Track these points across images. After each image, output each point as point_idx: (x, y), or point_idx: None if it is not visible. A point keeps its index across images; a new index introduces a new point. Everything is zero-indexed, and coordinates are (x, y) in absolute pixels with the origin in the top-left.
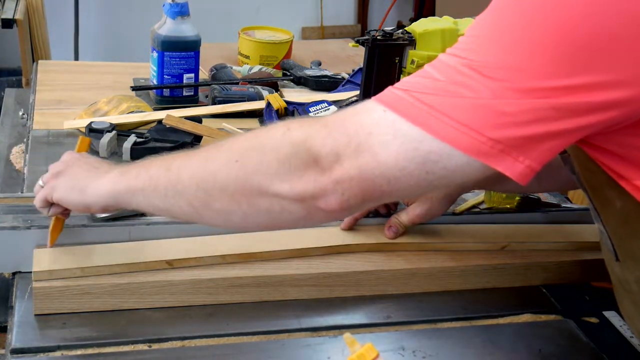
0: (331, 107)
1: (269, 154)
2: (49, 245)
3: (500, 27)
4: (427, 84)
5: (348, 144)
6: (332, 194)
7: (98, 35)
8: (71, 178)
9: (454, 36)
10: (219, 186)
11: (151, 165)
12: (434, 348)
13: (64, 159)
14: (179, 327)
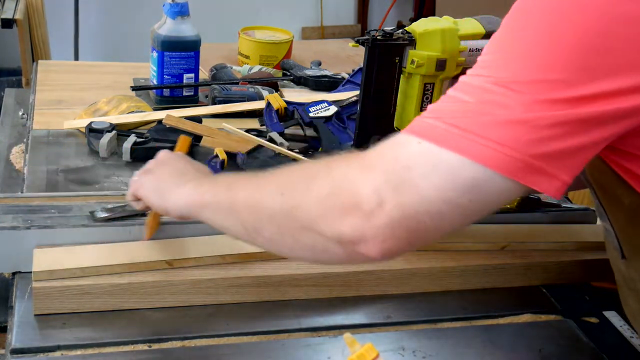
0: (331, 107)
1: (311, 192)
2: (146, 238)
3: (523, 40)
4: (457, 108)
5: (387, 183)
6: (372, 240)
7: (98, 35)
8: (156, 180)
9: (454, 36)
10: (267, 216)
11: (220, 182)
12: (434, 348)
13: (158, 157)
14: (179, 327)
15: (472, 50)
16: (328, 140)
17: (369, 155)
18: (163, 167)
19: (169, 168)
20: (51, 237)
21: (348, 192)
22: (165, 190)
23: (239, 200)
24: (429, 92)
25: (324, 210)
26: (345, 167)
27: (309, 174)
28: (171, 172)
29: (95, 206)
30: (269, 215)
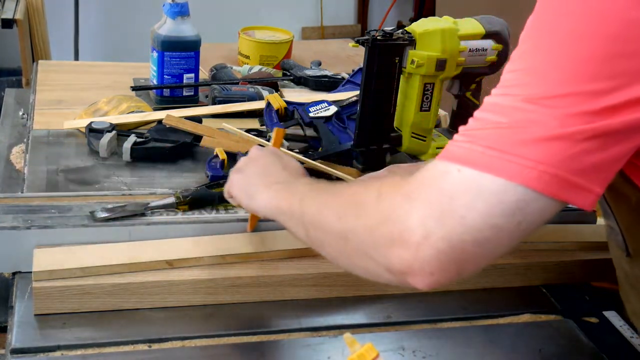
0: (331, 107)
1: (362, 220)
2: (248, 230)
3: (547, 55)
4: (491, 130)
5: (431, 215)
6: (420, 273)
7: (98, 35)
8: (245, 180)
9: (454, 36)
10: (327, 236)
11: (296, 191)
12: (434, 348)
13: (250, 153)
14: (179, 327)
15: (472, 50)
16: (328, 140)
17: (412, 184)
18: (252, 166)
19: (258, 167)
20: (51, 237)
21: (395, 223)
22: (252, 192)
23: (307, 216)
24: (429, 92)
25: (373, 239)
26: (392, 196)
27: (361, 200)
28: (258, 172)
29: (95, 206)
30: (329, 235)
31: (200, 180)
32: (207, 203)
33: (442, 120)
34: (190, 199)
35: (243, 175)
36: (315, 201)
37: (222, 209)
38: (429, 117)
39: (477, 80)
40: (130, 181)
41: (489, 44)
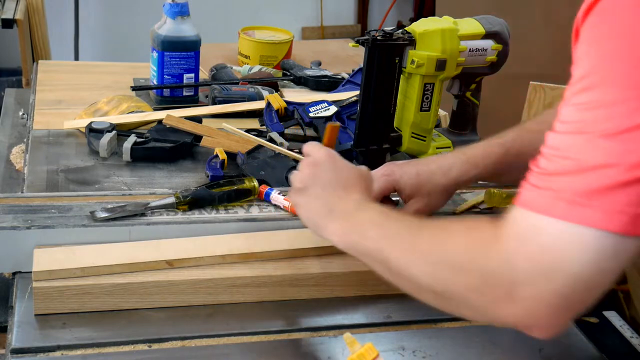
0: (331, 107)
1: (461, 279)
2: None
3: (622, 87)
4: (572, 177)
5: (538, 273)
6: (536, 327)
7: (98, 35)
8: (309, 206)
9: (454, 36)
10: (421, 289)
11: (367, 235)
12: (434, 348)
13: (308, 163)
14: (179, 327)
15: (472, 50)
16: None
17: (508, 242)
18: (314, 186)
19: (319, 187)
20: (51, 237)
21: (500, 283)
22: (319, 223)
23: (391, 264)
24: (429, 92)
25: (478, 299)
26: (488, 255)
27: (454, 258)
28: (321, 196)
29: (95, 206)
30: (424, 291)
31: (200, 180)
32: (207, 203)
33: (442, 120)
34: (190, 199)
35: (307, 199)
36: (399, 248)
37: (222, 209)
38: (429, 117)
39: (477, 80)
40: (130, 181)
41: (489, 44)
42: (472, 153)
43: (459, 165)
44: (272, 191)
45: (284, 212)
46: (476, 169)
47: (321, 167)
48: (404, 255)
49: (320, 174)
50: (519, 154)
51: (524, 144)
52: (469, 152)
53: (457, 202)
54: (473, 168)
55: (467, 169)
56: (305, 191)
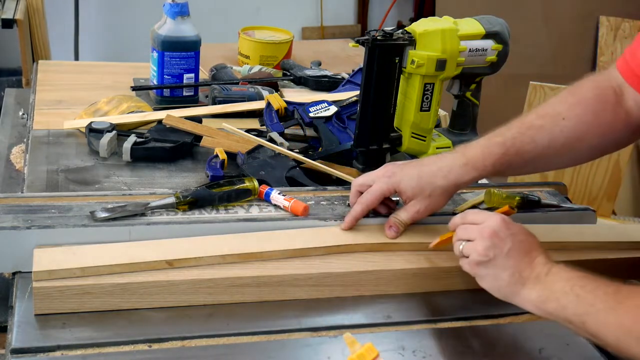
0: (331, 107)
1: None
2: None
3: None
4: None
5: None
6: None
7: (98, 35)
8: (499, 277)
9: (454, 36)
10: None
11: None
12: (434, 348)
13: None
14: (179, 327)
15: (472, 50)
16: (328, 140)
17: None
18: (500, 259)
19: (505, 260)
20: (51, 237)
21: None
22: (510, 293)
23: (600, 339)
24: (429, 92)
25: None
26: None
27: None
28: (510, 269)
29: (95, 206)
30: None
31: (200, 180)
32: (207, 203)
33: (442, 120)
34: (190, 199)
35: (493, 271)
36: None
37: (222, 209)
38: (429, 117)
39: (477, 80)
40: (130, 181)
41: (489, 44)
42: (472, 155)
43: (459, 167)
44: (272, 191)
45: (284, 212)
46: (476, 171)
47: (499, 236)
48: (611, 333)
49: (501, 243)
50: (519, 152)
51: (525, 141)
52: (468, 153)
53: (457, 202)
54: (473, 170)
55: (466, 171)
56: (490, 263)
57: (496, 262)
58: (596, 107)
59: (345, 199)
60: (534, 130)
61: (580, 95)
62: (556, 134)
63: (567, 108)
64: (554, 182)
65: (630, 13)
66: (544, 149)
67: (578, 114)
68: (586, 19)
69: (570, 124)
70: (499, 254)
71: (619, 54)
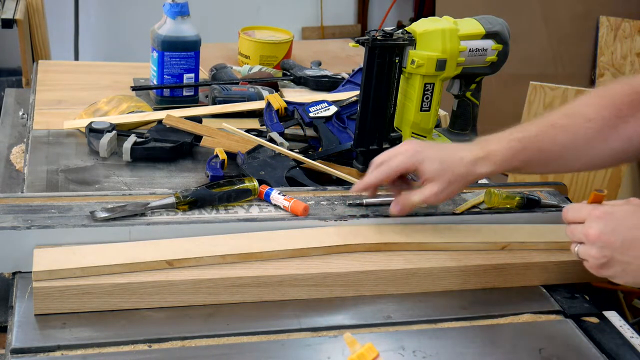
0: (331, 107)
1: None
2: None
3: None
4: None
5: None
6: None
7: (98, 35)
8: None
9: (454, 36)
10: None
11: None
12: (434, 348)
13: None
14: (179, 327)
15: (472, 50)
16: (328, 140)
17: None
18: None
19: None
20: (51, 237)
21: None
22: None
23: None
24: (429, 92)
25: None
26: None
27: None
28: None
29: (95, 206)
30: None
31: (200, 180)
32: (207, 203)
33: (442, 120)
34: (190, 199)
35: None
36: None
37: (222, 209)
38: (429, 117)
39: (477, 80)
40: (130, 181)
41: (489, 44)
42: (493, 150)
43: (480, 161)
44: (272, 191)
45: (284, 212)
46: (494, 166)
47: (606, 234)
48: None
49: (611, 240)
50: (541, 150)
51: (546, 140)
52: (490, 147)
53: (457, 202)
54: (492, 165)
55: (485, 164)
56: (611, 262)
57: (616, 259)
58: (627, 111)
59: (346, 199)
60: (557, 129)
61: (611, 98)
62: (579, 135)
63: (595, 110)
64: (554, 182)
65: (630, 13)
66: (565, 149)
67: (605, 116)
68: (586, 19)
69: (595, 126)
70: (614, 252)
71: (619, 54)
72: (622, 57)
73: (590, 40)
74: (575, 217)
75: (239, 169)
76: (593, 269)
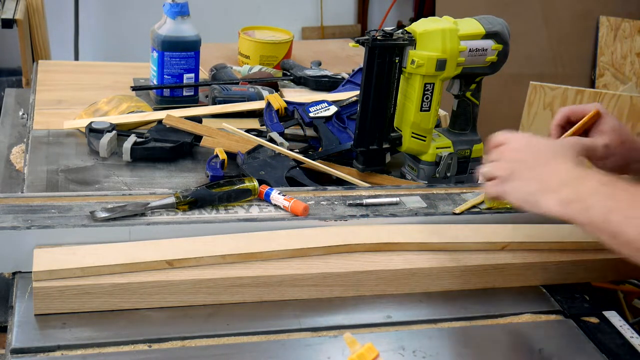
0: (331, 107)
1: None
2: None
3: None
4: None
5: None
6: None
7: (98, 35)
8: (522, 189)
9: (454, 36)
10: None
11: (592, 205)
12: (434, 348)
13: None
14: (179, 327)
15: (472, 50)
16: (328, 140)
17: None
18: (522, 172)
19: (528, 171)
20: (51, 237)
21: None
22: (534, 202)
23: (621, 238)
24: (429, 92)
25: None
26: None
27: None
28: (534, 179)
29: (95, 206)
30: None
31: (200, 180)
32: (207, 203)
33: (442, 120)
34: (190, 199)
35: (516, 184)
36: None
37: (222, 209)
38: (429, 117)
39: (477, 80)
40: (130, 181)
41: (489, 44)
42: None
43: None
44: (272, 191)
45: (284, 212)
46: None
47: (521, 151)
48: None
49: (523, 156)
50: None
51: None
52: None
53: (457, 202)
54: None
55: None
56: (511, 177)
57: (519, 174)
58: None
59: (346, 199)
60: None
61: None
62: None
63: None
64: None
65: (630, 13)
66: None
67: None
68: (586, 19)
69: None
70: (520, 167)
71: (619, 54)
72: (622, 57)
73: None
74: (501, 139)
75: (239, 169)
76: (494, 186)
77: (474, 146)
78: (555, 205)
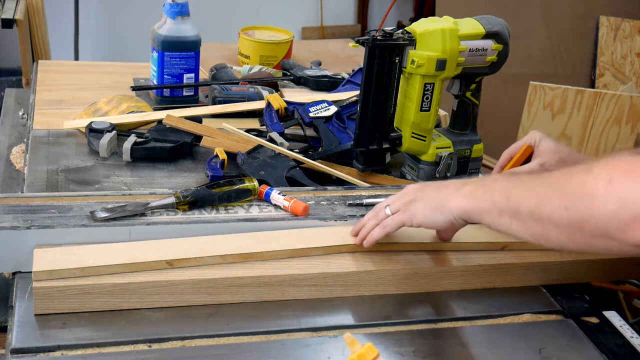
0: (331, 107)
1: (596, 208)
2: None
3: None
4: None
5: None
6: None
7: (98, 35)
8: (427, 203)
9: (454, 36)
10: (555, 227)
11: (494, 189)
12: (434, 348)
13: (410, 188)
14: (179, 327)
15: (472, 50)
16: (328, 140)
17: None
18: (424, 191)
19: (430, 189)
20: (51, 237)
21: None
22: (441, 205)
23: (522, 212)
24: (429, 92)
25: (615, 225)
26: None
27: (591, 190)
28: (434, 191)
29: (95, 206)
30: (557, 227)
31: (200, 180)
32: (207, 203)
33: (442, 120)
34: (190, 199)
35: (421, 203)
36: (529, 196)
37: (222, 209)
38: (429, 117)
39: (477, 80)
40: (130, 181)
41: (489, 44)
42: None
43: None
44: (272, 191)
45: (284, 212)
46: None
47: (422, 187)
48: (539, 200)
49: (424, 188)
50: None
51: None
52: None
53: None
54: None
55: None
56: (415, 200)
57: (422, 197)
58: None
59: (346, 199)
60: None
61: None
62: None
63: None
64: None
65: (630, 13)
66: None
67: None
68: (586, 19)
69: None
70: (422, 194)
71: (619, 54)
72: (622, 57)
73: (590, 40)
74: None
75: (239, 169)
76: (399, 215)
77: (474, 146)
78: (462, 199)
